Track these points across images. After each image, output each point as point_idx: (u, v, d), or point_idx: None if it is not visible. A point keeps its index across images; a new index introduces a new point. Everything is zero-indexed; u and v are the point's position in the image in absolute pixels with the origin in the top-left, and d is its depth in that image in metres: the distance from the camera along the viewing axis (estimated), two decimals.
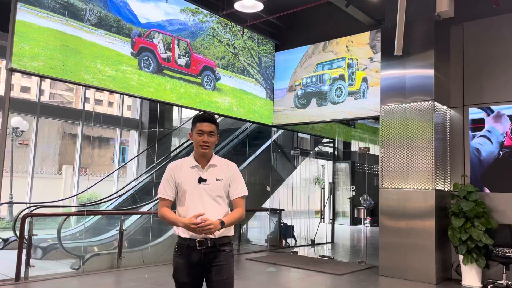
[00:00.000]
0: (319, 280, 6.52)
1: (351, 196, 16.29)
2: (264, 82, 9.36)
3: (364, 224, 13.21)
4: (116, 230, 7.05)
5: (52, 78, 6.01)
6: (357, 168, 16.84)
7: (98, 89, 6.56)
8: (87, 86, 6.50)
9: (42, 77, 6.39)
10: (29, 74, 5.82)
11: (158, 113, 10.78)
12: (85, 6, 6.27)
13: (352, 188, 16.22)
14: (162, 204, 2.69)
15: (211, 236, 2.54)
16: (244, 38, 8.91)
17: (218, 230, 2.52)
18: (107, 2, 6.57)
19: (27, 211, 7.69)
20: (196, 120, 2.70)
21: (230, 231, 2.66)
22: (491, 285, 6.12)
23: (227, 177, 2.69)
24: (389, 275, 6.73)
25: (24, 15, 5.61)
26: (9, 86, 5.60)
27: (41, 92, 10.29)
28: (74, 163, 15.56)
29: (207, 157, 2.71)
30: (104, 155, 15.45)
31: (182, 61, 7.62)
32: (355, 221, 16.09)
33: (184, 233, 2.60)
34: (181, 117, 12.40)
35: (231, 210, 2.71)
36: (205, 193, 2.62)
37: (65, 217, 7.13)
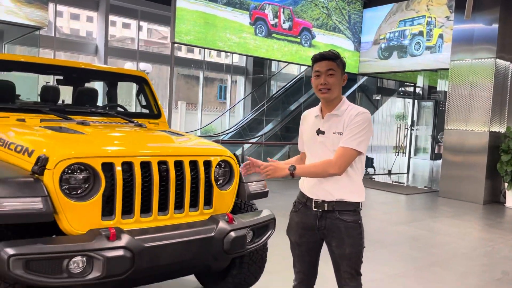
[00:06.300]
0: (388, 196, 8.66)
1: (432, 133, 17.56)
2: (352, 36, 11.02)
3: None
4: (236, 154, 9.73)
5: (199, 47, 8.49)
6: (442, 107, 17.83)
7: (228, 52, 8.92)
8: (221, 51, 8.89)
9: (193, 46, 8.87)
10: (185, 45, 8.35)
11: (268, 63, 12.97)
12: None
13: (415, 128, 17.34)
14: (299, 156, 2.49)
15: (329, 198, 2.17)
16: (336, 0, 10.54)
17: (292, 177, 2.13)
18: None
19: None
20: (313, 60, 2.25)
21: (351, 195, 2.18)
22: None
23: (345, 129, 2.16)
24: (446, 196, 8.65)
25: (180, 2, 7.98)
26: (172, 56, 8.16)
27: (139, 28, 12.41)
28: (187, 100, 18.64)
29: (333, 104, 2.22)
30: (210, 93, 18.33)
31: (286, 25, 9.63)
32: (435, 156, 17.46)
33: (304, 189, 2.30)
34: (279, 64, 14.49)
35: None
36: (323, 147, 2.21)
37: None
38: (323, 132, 2.22)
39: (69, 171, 2.27)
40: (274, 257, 3.72)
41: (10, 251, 2.01)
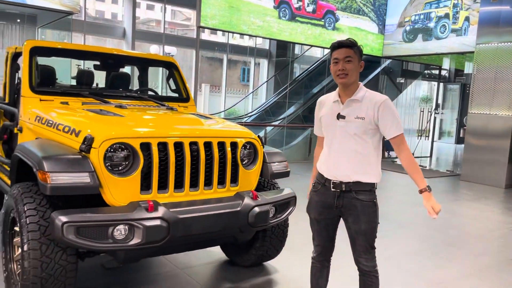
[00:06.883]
0: (409, 179, 8.71)
1: (458, 117, 17.32)
2: (377, 19, 10.96)
3: None
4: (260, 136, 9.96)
5: (224, 31, 8.67)
6: (468, 90, 17.48)
7: (252, 36, 9.06)
8: (245, 35, 9.04)
9: (217, 30, 9.05)
10: (210, 29, 8.53)
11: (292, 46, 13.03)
12: None
13: (439, 111, 17.05)
14: (317, 142, 2.64)
15: (347, 180, 2.36)
16: None
17: (428, 191, 2.52)
18: None
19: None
20: (331, 48, 2.38)
21: (367, 177, 2.36)
22: None
23: (370, 115, 2.31)
24: (468, 180, 8.69)
25: None
26: (197, 40, 8.37)
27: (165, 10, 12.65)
28: (211, 82, 18.87)
29: (351, 90, 2.37)
30: (234, 76, 18.52)
31: (310, 8, 9.67)
32: (459, 140, 17.25)
33: (323, 170, 2.46)
34: (302, 47, 14.50)
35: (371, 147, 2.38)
36: (343, 131, 2.36)
37: None
38: (343, 117, 2.35)
39: (112, 150, 2.55)
40: (294, 234, 3.97)
41: (64, 218, 2.31)
